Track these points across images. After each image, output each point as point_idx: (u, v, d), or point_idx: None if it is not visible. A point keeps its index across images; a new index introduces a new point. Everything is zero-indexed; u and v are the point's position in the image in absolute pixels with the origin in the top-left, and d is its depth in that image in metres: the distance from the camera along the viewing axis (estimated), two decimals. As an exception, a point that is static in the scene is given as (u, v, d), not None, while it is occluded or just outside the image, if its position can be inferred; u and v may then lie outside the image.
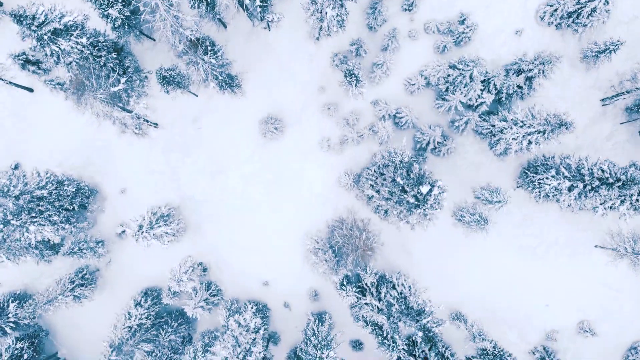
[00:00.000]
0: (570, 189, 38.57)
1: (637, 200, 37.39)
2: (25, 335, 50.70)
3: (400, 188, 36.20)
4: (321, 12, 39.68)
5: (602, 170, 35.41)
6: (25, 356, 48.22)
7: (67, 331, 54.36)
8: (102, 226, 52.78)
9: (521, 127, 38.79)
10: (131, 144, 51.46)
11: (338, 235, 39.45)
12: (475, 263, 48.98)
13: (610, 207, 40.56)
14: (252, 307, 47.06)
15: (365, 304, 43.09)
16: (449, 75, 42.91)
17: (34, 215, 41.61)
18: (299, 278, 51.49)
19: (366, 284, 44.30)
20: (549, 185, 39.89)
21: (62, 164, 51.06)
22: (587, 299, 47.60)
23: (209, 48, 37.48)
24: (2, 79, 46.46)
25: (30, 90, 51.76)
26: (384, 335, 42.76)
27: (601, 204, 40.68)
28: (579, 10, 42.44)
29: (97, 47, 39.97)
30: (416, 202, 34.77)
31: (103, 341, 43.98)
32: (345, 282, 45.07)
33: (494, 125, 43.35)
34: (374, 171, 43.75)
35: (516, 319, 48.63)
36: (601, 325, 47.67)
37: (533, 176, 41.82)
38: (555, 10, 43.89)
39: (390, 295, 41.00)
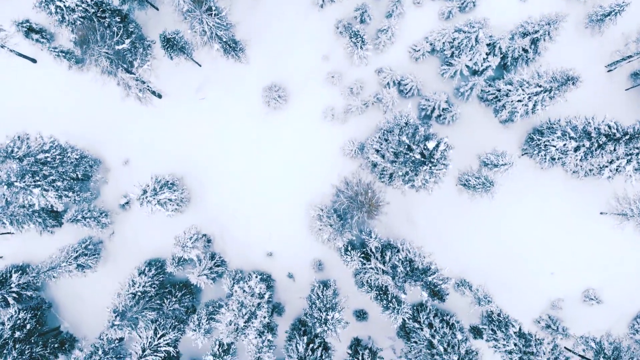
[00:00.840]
0: (576, 149, 38.41)
1: (643, 159, 37.30)
2: (28, 307, 50.38)
3: (406, 146, 36.05)
4: (326, -26, 39.58)
5: (609, 127, 35.27)
6: (28, 326, 47.83)
7: (70, 304, 54.10)
8: (106, 198, 52.59)
9: (527, 87, 38.64)
10: (135, 114, 51.29)
11: (343, 196, 39.33)
12: (479, 233, 48.81)
13: (617, 169, 40.53)
14: (256, 276, 46.91)
15: (370, 268, 42.93)
16: (454, 40, 42.77)
17: (37, 179, 41.46)
18: (303, 249, 51.30)
19: (371, 249, 44.16)
20: (555, 147, 39.72)
21: (66, 134, 50.81)
22: (593, 266, 47.43)
23: (213, 7, 37.32)
24: (4, 46, 46.23)
25: (34, 61, 51.61)
26: (389, 299, 42.64)
27: (607, 165, 40.64)
28: (585, -26, 42.40)
29: (101, 9, 39.83)
30: (422, 159, 34.61)
31: (106, 307, 43.74)
32: (349, 248, 44.93)
33: (499, 90, 43.24)
34: (379, 137, 43.55)
35: (521, 288, 48.42)
36: (607, 294, 47.50)
37: (539, 139, 41.69)
38: (561, -25, 43.82)
39: (396, 259, 40.80)
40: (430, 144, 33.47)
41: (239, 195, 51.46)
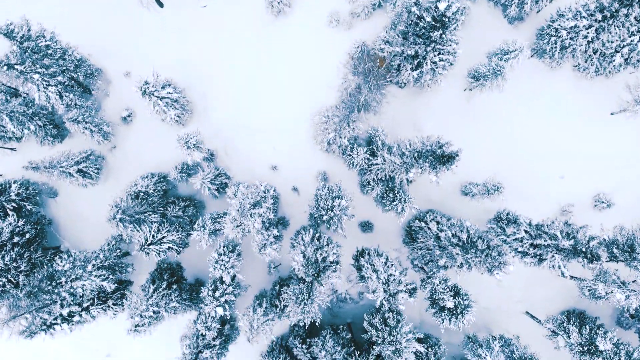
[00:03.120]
0: (588, 27, 37.71)
1: (657, 33, 36.58)
2: (28, 221, 49.28)
3: (417, 16, 35.28)
4: None
5: (623, -7, 34.50)
6: (27, 236, 46.66)
7: (71, 223, 53.10)
8: (107, 112, 51.74)
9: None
10: (136, 24, 50.59)
11: (352, 73, 38.58)
12: (487, 137, 47.92)
13: (629, 54, 39.79)
14: (260, 183, 46.03)
15: (375, 164, 42.09)
16: None
17: (38, 66, 40.59)
18: (308, 161, 50.45)
19: (377, 145, 43.37)
20: (566, 29, 39.02)
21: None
22: (604, 169, 46.55)
23: None
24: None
25: (34, -29, 50.86)
26: (395, 192, 41.79)
27: (618, 50, 39.94)
28: None
29: None
30: (434, 23, 33.85)
31: (108, 204, 42.83)
32: (355, 145, 44.09)
33: (508, -19, 42.55)
34: (387, 30, 42.74)
35: (530, 193, 47.54)
36: (618, 197, 46.64)
37: (550, 25, 40.96)
38: None
39: (404, 147, 39.93)
40: (442, 4, 32.69)
41: (243, 107, 50.61)
